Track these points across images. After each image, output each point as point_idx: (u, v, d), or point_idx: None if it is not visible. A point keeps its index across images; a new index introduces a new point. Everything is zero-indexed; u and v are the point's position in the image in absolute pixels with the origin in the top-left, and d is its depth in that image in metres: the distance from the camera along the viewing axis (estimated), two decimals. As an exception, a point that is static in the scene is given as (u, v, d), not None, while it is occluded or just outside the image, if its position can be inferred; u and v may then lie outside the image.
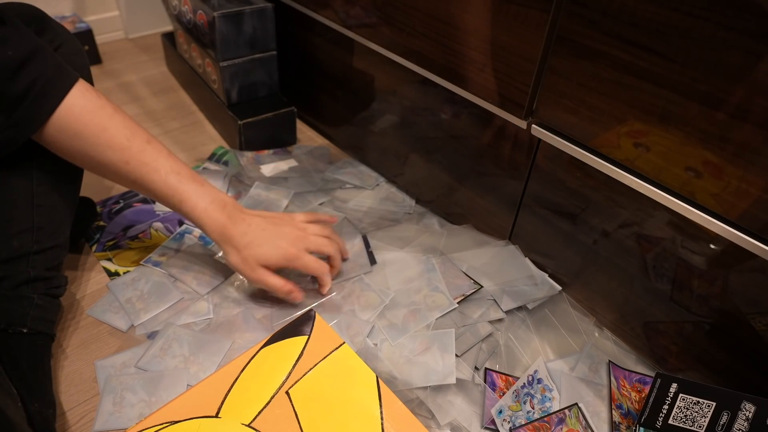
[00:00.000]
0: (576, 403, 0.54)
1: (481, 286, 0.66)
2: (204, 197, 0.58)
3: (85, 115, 0.52)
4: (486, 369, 0.58)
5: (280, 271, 0.61)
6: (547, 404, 0.55)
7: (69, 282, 0.64)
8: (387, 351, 0.59)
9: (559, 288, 0.67)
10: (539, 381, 0.57)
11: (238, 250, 0.58)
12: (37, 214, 0.56)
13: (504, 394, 0.55)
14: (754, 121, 0.41)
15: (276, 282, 0.60)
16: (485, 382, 0.56)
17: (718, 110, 0.42)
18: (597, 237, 0.60)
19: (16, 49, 0.47)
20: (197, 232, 0.74)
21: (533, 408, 0.54)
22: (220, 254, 0.70)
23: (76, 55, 0.59)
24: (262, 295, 0.65)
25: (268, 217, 0.62)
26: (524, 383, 0.56)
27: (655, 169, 0.49)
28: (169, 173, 0.56)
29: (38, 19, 0.56)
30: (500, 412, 0.54)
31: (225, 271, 0.68)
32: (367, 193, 0.84)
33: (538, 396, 0.55)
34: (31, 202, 0.56)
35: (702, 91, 0.42)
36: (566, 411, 0.54)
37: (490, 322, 0.62)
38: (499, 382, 0.57)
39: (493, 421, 0.53)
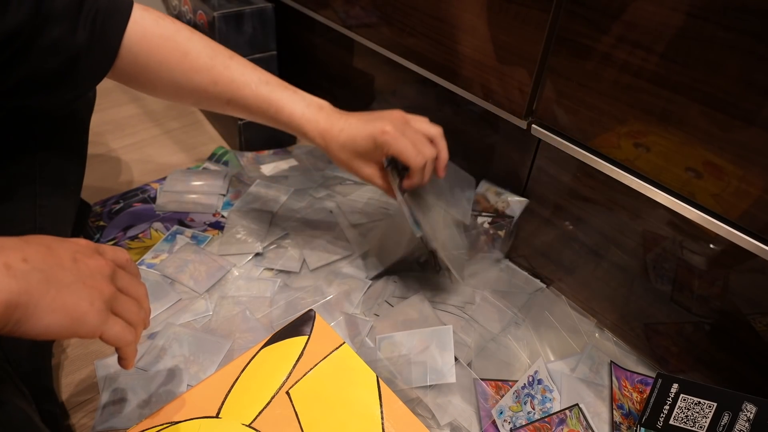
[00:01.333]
0: (577, 404, 0.54)
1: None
2: (299, 102, 0.56)
3: (164, 43, 0.51)
4: (474, 380, 0.57)
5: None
6: (548, 405, 0.55)
7: (69, 282, 0.64)
8: (386, 351, 0.59)
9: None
10: (539, 382, 0.57)
11: (339, 150, 0.56)
12: (40, 215, 0.56)
13: (497, 401, 0.55)
14: (755, 121, 0.41)
15: (370, 172, 0.57)
16: (476, 392, 0.56)
17: (719, 110, 0.42)
18: (597, 237, 0.60)
19: None
20: (189, 231, 0.74)
21: (534, 409, 0.54)
22: (211, 249, 0.70)
23: None
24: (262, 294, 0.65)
25: (366, 113, 0.58)
26: (524, 384, 0.56)
27: (655, 169, 0.49)
28: (259, 85, 0.55)
29: None
30: (501, 412, 0.54)
31: (221, 268, 0.68)
32: (368, 188, 0.84)
33: (539, 397, 0.55)
34: (34, 203, 0.56)
35: (702, 91, 0.42)
36: (567, 412, 0.54)
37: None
38: (490, 390, 0.57)
39: (492, 424, 0.53)
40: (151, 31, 0.51)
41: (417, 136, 0.55)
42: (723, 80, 0.41)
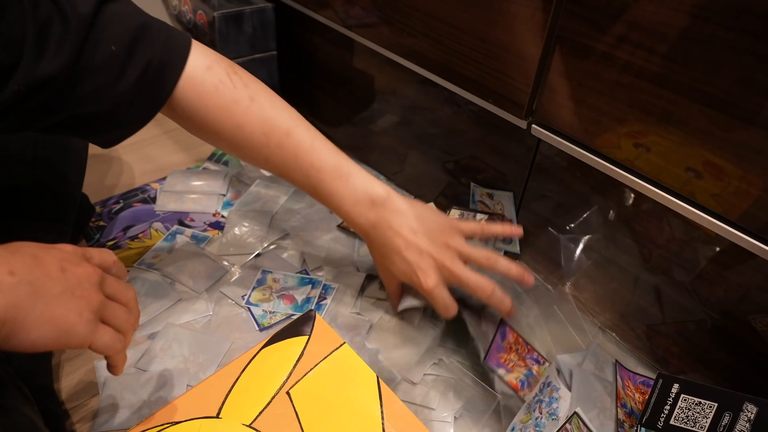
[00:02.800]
0: (575, 413, 0.53)
1: None
2: (348, 199, 0.53)
3: (219, 112, 0.50)
4: (501, 320, 0.57)
5: None
6: (554, 405, 0.54)
7: (69, 282, 0.64)
8: (387, 351, 0.59)
9: None
10: (548, 384, 0.55)
11: (376, 254, 0.57)
12: (41, 216, 0.56)
13: (512, 348, 0.55)
14: (755, 121, 0.41)
15: (393, 289, 0.59)
16: (496, 333, 0.56)
17: (719, 110, 0.42)
18: (597, 237, 0.60)
19: (119, 41, 0.43)
20: (189, 231, 0.74)
21: (541, 413, 0.53)
22: (211, 249, 0.70)
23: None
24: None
25: (421, 222, 0.54)
26: (536, 393, 0.55)
27: (655, 169, 0.49)
28: (309, 170, 0.53)
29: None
30: (512, 429, 0.52)
31: (221, 268, 0.68)
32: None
33: (546, 399, 0.54)
34: (35, 204, 0.56)
35: (702, 91, 0.42)
36: (567, 426, 0.53)
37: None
38: (510, 337, 0.56)
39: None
40: (208, 99, 0.49)
41: (464, 274, 0.53)
42: (723, 80, 0.41)
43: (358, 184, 0.53)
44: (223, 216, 0.77)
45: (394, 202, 0.54)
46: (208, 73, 0.49)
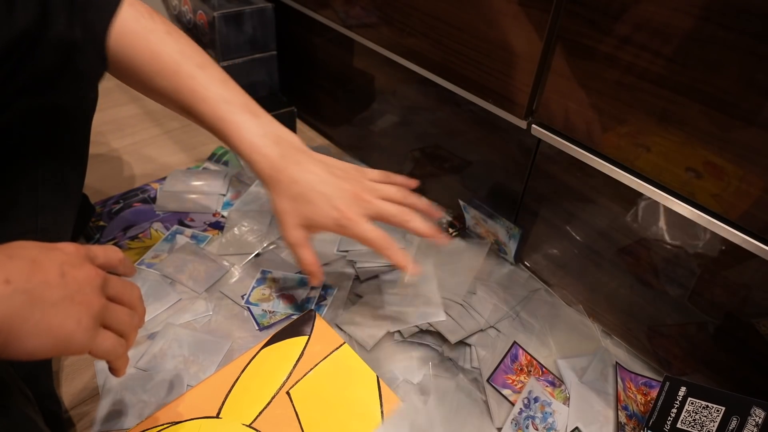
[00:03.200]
0: (576, 427, 0.53)
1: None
2: (254, 131, 0.51)
3: (136, 41, 0.49)
4: (514, 342, 0.58)
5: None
6: (550, 420, 0.53)
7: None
8: (387, 351, 0.59)
9: None
10: (536, 399, 0.55)
11: (284, 199, 0.52)
12: (41, 215, 0.56)
13: (523, 369, 0.55)
14: (755, 121, 0.41)
15: (305, 256, 0.53)
16: (506, 356, 0.57)
17: (719, 110, 0.42)
18: (597, 238, 0.60)
19: None
20: (189, 231, 0.74)
21: (537, 429, 0.52)
22: (211, 249, 0.70)
23: None
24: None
25: (330, 166, 0.53)
26: (521, 408, 0.54)
27: (655, 169, 0.49)
28: (219, 102, 0.51)
29: None
30: None
31: (221, 268, 0.68)
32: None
33: (539, 415, 0.53)
34: (35, 203, 0.56)
35: (702, 91, 0.42)
36: None
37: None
38: (522, 359, 0.56)
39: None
40: (128, 28, 0.49)
41: (382, 203, 0.53)
42: (723, 80, 0.41)
43: (266, 120, 0.53)
44: (223, 216, 0.77)
45: (300, 144, 0.54)
46: (129, 8, 0.50)
